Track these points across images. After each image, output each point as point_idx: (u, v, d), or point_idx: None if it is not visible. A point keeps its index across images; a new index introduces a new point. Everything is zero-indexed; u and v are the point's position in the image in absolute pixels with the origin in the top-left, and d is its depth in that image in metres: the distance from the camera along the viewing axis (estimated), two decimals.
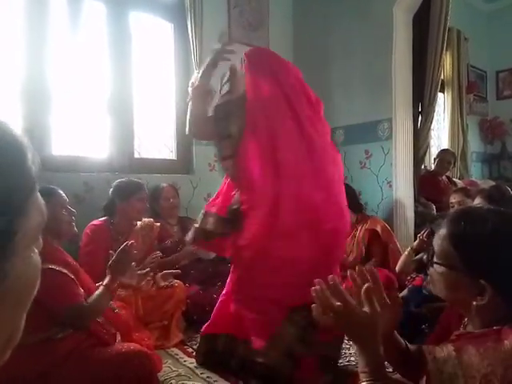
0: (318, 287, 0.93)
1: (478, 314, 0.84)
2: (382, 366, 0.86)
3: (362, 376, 0.85)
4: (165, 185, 2.95)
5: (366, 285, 0.90)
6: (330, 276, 0.93)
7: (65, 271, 1.54)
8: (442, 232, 0.91)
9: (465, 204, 2.35)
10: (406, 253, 2.19)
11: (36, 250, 0.42)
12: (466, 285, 0.84)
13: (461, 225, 0.87)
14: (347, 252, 2.95)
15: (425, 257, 0.95)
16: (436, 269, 0.91)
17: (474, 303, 0.83)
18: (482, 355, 0.72)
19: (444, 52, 3.70)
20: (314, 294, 0.92)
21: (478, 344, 0.75)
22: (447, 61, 4.72)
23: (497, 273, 0.81)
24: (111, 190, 2.41)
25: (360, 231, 2.93)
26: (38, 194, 0.42)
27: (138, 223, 2.44)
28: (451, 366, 0.74)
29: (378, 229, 2.86)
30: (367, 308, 0.87)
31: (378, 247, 2.89)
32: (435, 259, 0.91)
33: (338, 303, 0.87)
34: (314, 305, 0.93)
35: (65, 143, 2.83)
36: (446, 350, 0.77)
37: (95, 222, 2.30)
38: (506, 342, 0.72)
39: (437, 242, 0.92)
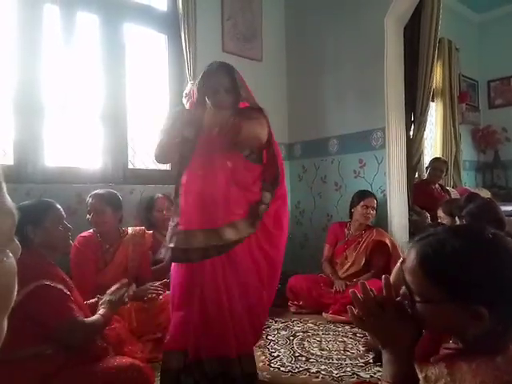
0: (360, 289, 0.90)
1: (474, 336, 0.77)
2: (410, 378, 0.80)
3: None
4: (159, 195, 2.95)
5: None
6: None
7: (60, 287, 1.52)
8: (411, 266, 0.83)
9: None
10: (398, 264, 2.15)
11: (10, 254, 0.39)
12: (458, 313, 0.77)
13: (431, 255, 0.80)
14: (348, 259, 2.94)
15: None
16: (420, 307, 0.82)
17: (471, 329, 0.76)
18: (474, 371, 0.70)
19: (435, 62, 3.74)
20: (353, 297, 0.89)
21: (469, 360, 0.73)
22: (438, 71, 4.76)
23: (487, 291, 0.75)
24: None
25: (365, 241, 2.91)
26: (6, 196, 0.40)
27: (129, 230, 2.43)
28: None
29: (387, 241, 2.84)
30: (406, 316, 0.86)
31: (380, 259, 2.87)
32: (416, 298, 0.82)
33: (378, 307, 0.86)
34: (349, 306, 0.92)
35: (58, 154, 2.82)
36: (438, 368, 0.74)
37: (83, 233, 2.29)
38: (497, 357, 0.70)
39: (410, 279, 0.83)
